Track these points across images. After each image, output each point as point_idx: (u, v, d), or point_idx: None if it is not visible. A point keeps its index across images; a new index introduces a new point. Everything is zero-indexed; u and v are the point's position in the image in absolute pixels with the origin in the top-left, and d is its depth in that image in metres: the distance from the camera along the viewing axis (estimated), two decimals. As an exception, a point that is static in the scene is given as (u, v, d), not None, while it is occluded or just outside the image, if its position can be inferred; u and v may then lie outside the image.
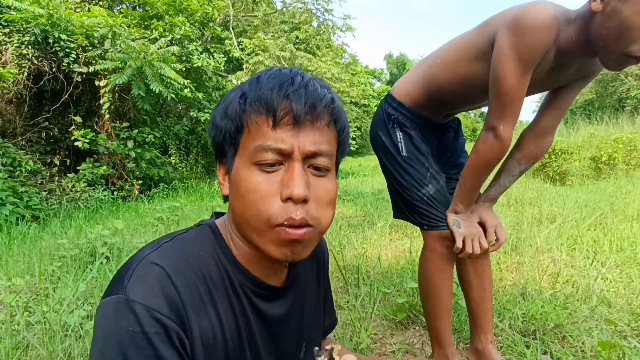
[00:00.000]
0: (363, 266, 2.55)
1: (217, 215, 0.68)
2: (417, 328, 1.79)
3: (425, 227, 1.34)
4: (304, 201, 0.54)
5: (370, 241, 3.17)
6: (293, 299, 0.69)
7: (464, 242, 1.24)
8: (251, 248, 0.60)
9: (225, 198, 0.62)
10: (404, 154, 1.35)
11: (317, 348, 0.66)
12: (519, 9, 1.06)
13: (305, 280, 0.74)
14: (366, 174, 11.17)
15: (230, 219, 0.62)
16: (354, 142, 20.22)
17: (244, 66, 10.76)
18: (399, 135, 1.36)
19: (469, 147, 1.47)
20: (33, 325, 1.77)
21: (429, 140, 1.40)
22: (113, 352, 0.47)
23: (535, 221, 3.58)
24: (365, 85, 22.74)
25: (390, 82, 38.40)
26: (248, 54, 11.29)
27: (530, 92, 1.20)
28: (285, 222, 0.53)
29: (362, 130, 20.43)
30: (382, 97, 1.68)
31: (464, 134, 1.66)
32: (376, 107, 1.92)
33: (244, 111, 0.56)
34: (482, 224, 1.31)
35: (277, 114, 0.54)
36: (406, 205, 1.38)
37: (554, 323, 1.75)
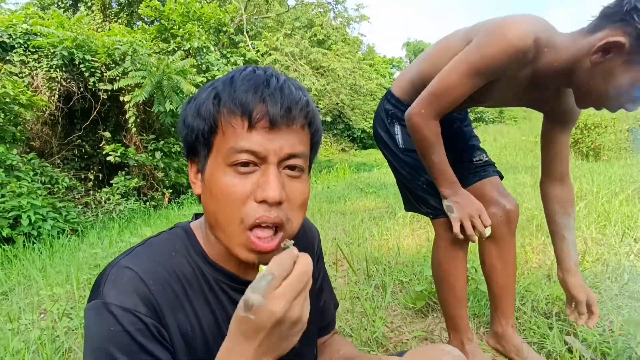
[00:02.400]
0: (384, 257, 2.55)
1: (198, 216, 0.70)
2: (436, 315, 1.78)
3: (431, 216, 1.34)
4: (279, 203, 0.55)
5: (392, 232, 3.16)
6: None
7: (462, 226, 1.22)
8: (224, 246, 0.61)
9: (199, 197, 0.63)
10: (401, 146, 1.36)
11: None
12: (501, 20, 1.06)
13: None
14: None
15: (205, 220, 0.64)
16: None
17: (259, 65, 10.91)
18: (397, 128, 1.37)
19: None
20: (72, 330, 1.90)
21: None
22: (102, 353, 0.51)
23: (564, 200, 3.44)
24: (384, 76, 22.44)
25: (411, 70, 37.71)
26: (262, 55, 11.42)
27: (508, 103, 1.24)
28: (258, 221, 0.54)
29: (385, 122, 20.18)
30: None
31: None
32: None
33: (218, 112, 0.56)
34: (573, 298, 1.37)
35: (253, 117, 0.54)
36: (412, 196, 1.39)
37: (580, 303, 1.70)
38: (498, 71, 1.06)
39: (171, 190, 7.49)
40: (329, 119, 15.17)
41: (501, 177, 1.46)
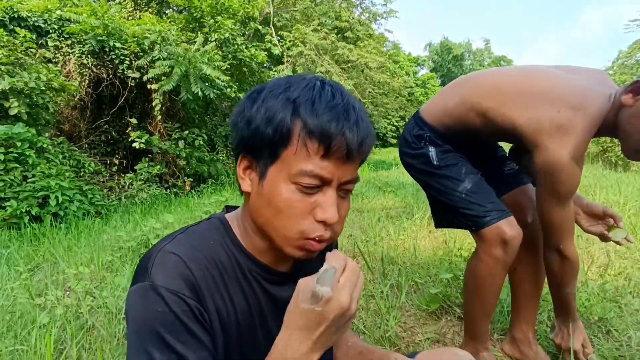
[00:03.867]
0: (399, 258, 2.55)
1: (229, 209, 0.73)
2: (449, 318, 1.78)
3: (474, 228, 1.29)
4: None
5: (409, 232, 3.15)
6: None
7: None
8: (265, 242, 0.65)
9: (244, 193, 0.65)
10: (435, 163, 1.34)
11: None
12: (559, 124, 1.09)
13: (313, 265, 0.79)
14: (410, 164, 10.95)
15: (246, 215, 0.66)
16: (396, 132, 19.86)
17: (284, 59, 10.92)
18: (431, 149, 1.36)
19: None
20: (95, 309, 1.98)
21: (464, 153, 1.39)
22: (147, 332, 0.53)
23: (589, 210, 3.36)
24: (409, 75, 22.15)
25: (434, 70, 37.03)
26: (288, 48, 11.44)
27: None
28: (317, 238, 0.60)
29: (406, 120, 19.99)
30: (426, 86, 1.66)
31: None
32: (420, 96, 1.91)
33: (295, 130, 0.57)
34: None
35: (331, 147, 0.56)
36: (450, 211, 1.34)
37: (598, 316, 1.67)
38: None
39: (192, 179, 7.63)
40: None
41: (533, 184, 1.44)
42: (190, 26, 8.70)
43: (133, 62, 7.00)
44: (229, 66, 8.05)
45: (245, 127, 0.60)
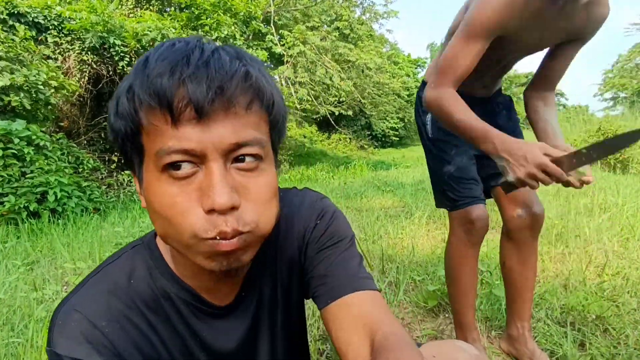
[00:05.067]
0: (398, 255, 2.56)
1: None
2: (447, 315, 1.78)
3: (449, 209, 1.35)
4: (234, 208, 0.44)
5: (407, 231, 3.15)
6: (245, 323, 0.62)
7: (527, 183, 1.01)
8: (189, 261, 0.51)
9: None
10: (430, 135, 1.37)
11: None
12: None
13: (261, 290, 0.64)
14: (408, 165, 10.99)
15: None
16: (396, 133, 19.90)
17: (285, 59, 10.93)
18: (427, 118, 1.38)
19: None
20: (93, 303, 1.98)
21: None
22: None
23: (587, 210, 3.37)
24: (409, 75, 22.20)
25: (436, 70, 37.02)
26: (289, 47, 11.45)
27: (535, 48, 1.18)
28: (217, 236, 0.44)
29: (406, 121, 20.03)
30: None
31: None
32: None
33: (135, 108, 0.44)
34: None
35: (175, 107, 0.42)
36: (435, 188, 1.41)
37: (596, 314, 1.67)
38: (493, 32, 1.03)
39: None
40: (350, 113, 15.13)
41: None
42: (192, 24, 8.70)
43: (133, 59, 6.99)
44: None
45: (111, 133, 0.49)
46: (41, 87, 5.59)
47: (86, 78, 6.83)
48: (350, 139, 17.98)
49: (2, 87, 5.60)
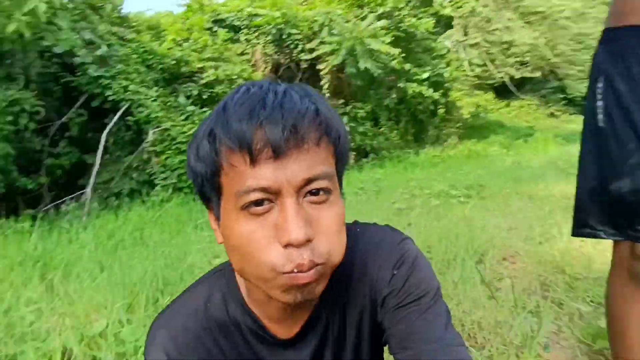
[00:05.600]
0: (570, 266, 2.14)
1: None
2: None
3: (610, 237, 1.01)
4: (308, 241, 0.47)
5: (589, 233, 2.58)
6: (316, 346, 0.62)
7: None
8: (261, 293, 0.55)
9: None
10: (600, 123, 0.97)
11: None
12: None
13: (321, 325, 0.63)
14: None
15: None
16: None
17: (453, 22, 10.03)
18: (599, 89, 0.97)
19: None
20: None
21: None
22: None
23: None
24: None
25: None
26: (459, 7, 10.42)
27: None
28: (295, 270, 0.47)
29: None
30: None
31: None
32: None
33: (215, 152, 0.48)
34: None
35: (253, 149, 0.45)
36: (586, 202, 1.05)
37: None
38: None
39: (355, 153, 8.00)
40: (537, 75, 12.92)
41: None
42: (358, 3, 8.84)
43: (305, 46, 7.63)
44: (392, 38, 7.91)
45: (191, 174, 0.54)
46: (236, 78, 6.73)
47: (268, 68, 7.83)
48: (537, 105, 15.40)
49: (209, 81, 7.00)
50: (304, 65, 7.79)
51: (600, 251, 2.29)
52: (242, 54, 7.70)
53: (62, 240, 3.20)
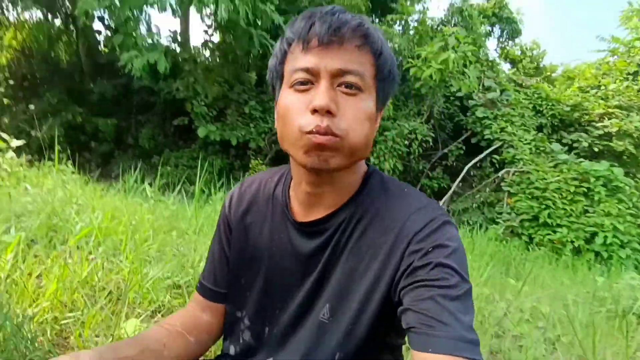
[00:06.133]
0: None
1: None
2: None
3: None
4: (330, 113, 0.57)
5: None
6: (323, 241, 0.66)
7: None
8: (296, 176, 0.67)
9: None
10: None
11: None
12: None
13: (358, 238, 0.65)
14: None
15: None
16: None
17: None
18: None
19: None
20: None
21: None
22: None
23: None
24: None
25: None
26: None
27: None
28: (314, 129, 0.57)
29: None
30: None
31: None
32: None
33: (283, 46, 0.63)
34: None
35: (305, 39, 0.59)
36: None
37: None
38: None
39: None
40: None
41: None
42: None
43: None
44: None
45: (268, 72, 0.67)
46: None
47: None
48: None
49: (608, 132, 5.91)
50: None
51: None
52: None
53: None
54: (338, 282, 0.66)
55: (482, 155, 5.96)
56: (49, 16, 7.47)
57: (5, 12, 7.02)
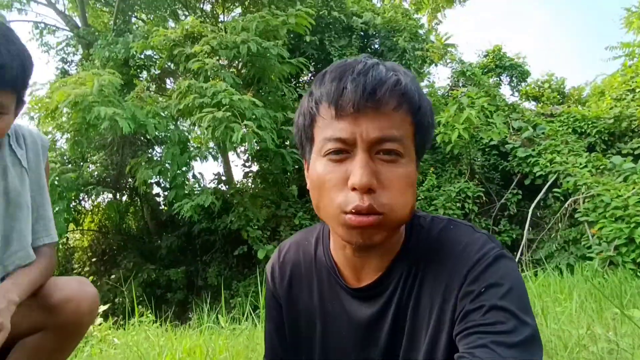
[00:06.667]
0: None
1: None
2: None
3: None
4: (371, 190, 0.53)
5: None
6: (382, 306, 0.64)
7: None
8: (338, 241, 0.65)
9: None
10: None
11: None
12: None
13: (416, 297, 0.63)
14: None
15: None
16: None
17: None
18: None
19: None
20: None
21: None
22: None
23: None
24: None
25: None
26: None
27: None
28: (353, 210, 0.54)
29: None
30: None
31: None
32: None
33: (312, 106, 0.59)
34: None
35: (338, 104, 0.54)
36: None
37: None
38: None
39: None
40: None
41: None
42: None
43: None
44: None
45: (295, 128, 0.65)
46: None
47: None
48: None
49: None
50: None
51: None
52: None
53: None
54: (405, 345, 0.63)
55: (542, 194, 5.63)
56: (117, 195, 8.67)
57: (82, 202, 8.24)
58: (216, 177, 7.94)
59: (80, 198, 7.84)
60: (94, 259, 8.37)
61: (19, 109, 0.83)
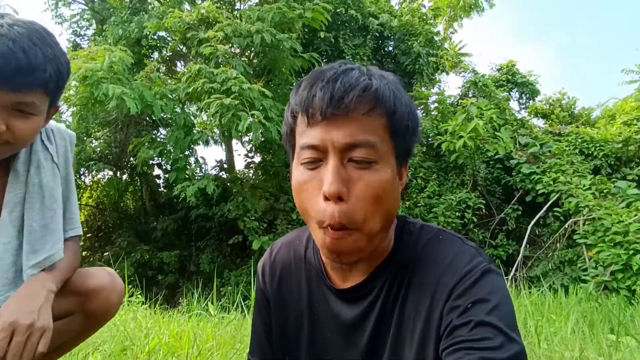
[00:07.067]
0: None
1: None
2: None
3: None
4: (341, 199, 0.53)
5: None
6: (365, 308, 0.64)
7: None
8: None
9: None
10: None
11: None
12: None
13: (402, 302, 0.62)
14: None
15: None
16: None
17: None
18: None
19: None
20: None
21: None
22: None
23: None
24: None
25: None
26: None
27: None
28: (328, 225, 0.54)
29: None
30: None
31: None
32: None
33: (290, 115, 0.60)
34: None
35: (310, 112, 0.55)
36: None
37: None
38: None
39: None
40: None
41: None
42: None
43: None
44: None
45: (283, 139, 0.65)
46: None
47: None
48: None
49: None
50: None
51: None
52: None
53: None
54: (389, 352, 0.62)
55: (542, 212, 5.61)
56: (118, 173, 8.65)
57: (82, 177, 8.23)
58: (218, 164, 7.91)
59: (81, 173, 7.83)
60: (89, 235, 8.35)
61: (51, 113, 0.83)
